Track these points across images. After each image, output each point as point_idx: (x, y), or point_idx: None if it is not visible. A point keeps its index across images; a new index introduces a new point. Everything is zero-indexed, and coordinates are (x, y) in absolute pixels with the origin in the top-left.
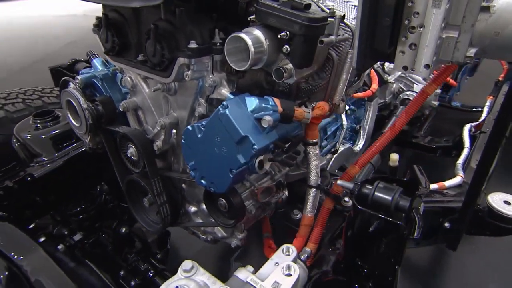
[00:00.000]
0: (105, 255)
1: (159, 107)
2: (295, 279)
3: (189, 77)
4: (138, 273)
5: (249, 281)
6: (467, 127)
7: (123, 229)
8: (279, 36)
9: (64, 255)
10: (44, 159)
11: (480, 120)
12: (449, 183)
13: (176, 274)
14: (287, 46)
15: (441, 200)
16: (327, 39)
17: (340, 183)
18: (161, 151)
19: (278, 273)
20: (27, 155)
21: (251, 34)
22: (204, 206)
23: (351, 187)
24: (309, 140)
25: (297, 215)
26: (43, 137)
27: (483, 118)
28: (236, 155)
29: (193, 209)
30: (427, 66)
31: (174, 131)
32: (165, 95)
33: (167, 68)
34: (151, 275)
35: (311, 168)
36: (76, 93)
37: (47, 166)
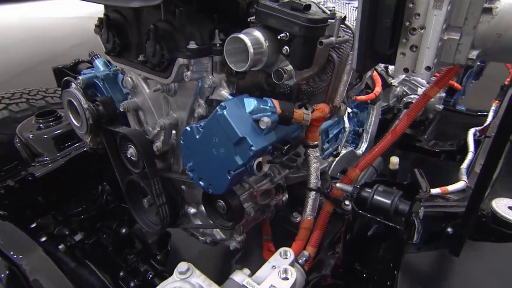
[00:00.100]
0: (105, 256)
1: (159, 108)
2: (291, 283)
3: (188, 77)
4: (137, 274)
5: (245, 284)
6: (471, 131)
7: (123, 230)
8: (278, 37)
9: (64, 255)
10: (46, 158)
11: (485, 125)
12: (452, 187)
13: (172, 276)
14: (287, 47)
15: (444, 205)
16: (326, 40)
17: (339, 186)
18: (161, 152)
19: (275, 276)
20: (29, 154)
21: (251, 35)
22: (203, 208)
23: (350, 190)
24: (309, 143)
25: (297, 218)
26: (45, 137)
27: (488, 123)
28: (234, 156)
29: (192, 210)
30: (428, 68)
31: (174, 132)
32: (165, 95)
33: (167, 69)
34: (150, 276)
35: (311, 171)
36: (77, 93)
37: (48, 165)
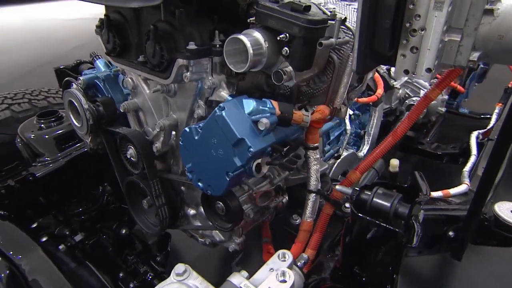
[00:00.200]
0: (105, 256)
1: (159, 109)
2: (289, 285)
3: (187, 78)
4: (137, 275)
5: (242, 286)
6: (474, 134)
7: (123, 231)
8: (278, 38)
9: (64, 255)
10: (47, 159)
11: (488, 127)
12: (454, 191)
13: (169, 277)
14: (286, 48)
15: (446, 208)
16: (326, 41)
17: (338, 188)
18: (160, 152)
19: (272, 279)
20: (30, 154)
21: (250, 36)
22: (202, 209)
23: (349, 192)
24: (309, 144)
25: (297, 220)
26: (46, 137)
27: (491, 125)
28: (232, 157)
29: (192, 212)
30: (428, 70)
31: (173, 133)
32: (165, 96)
33: (166, 69)
34: (150, 277)
35: (311, 173)
36: (77, 93)
37: (49, 166)
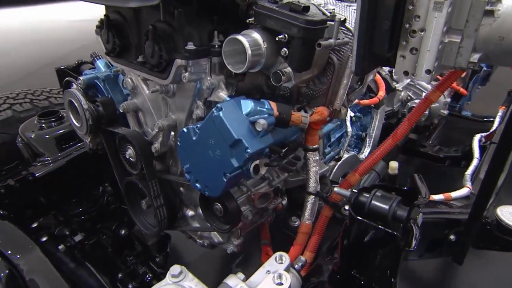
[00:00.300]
0: (105, 257)
1: (159, 109)
2: None
3: (186, 78)
4: (136, 276)
5: None
6: (477, 137)
7: (122, 231)
8: (277, 39)
9: (64, 255)
10: (47, 158)
11: (491, 130)
12: (456, 194)
13: (164, 279)
14: (285, 49)
15: (447, 211)
16: (325, 42)
17: (337, 190)
18: (159, 153)
19: (269, 281)
20: (31, 154)
21: (249, 37)
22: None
23: (348, 194)
24: (308, 146)
25: (296, 222)
26: (47, 137)
27: (494, 128)
28: (229, 158)
29: (190, 213)
30: (428, 71)
31: (172, 133)
32: (164, 97)
33: (165, 70)
34: (149, 278)
35: (311, 175)
36: (77, 93)
37: (49, 165)
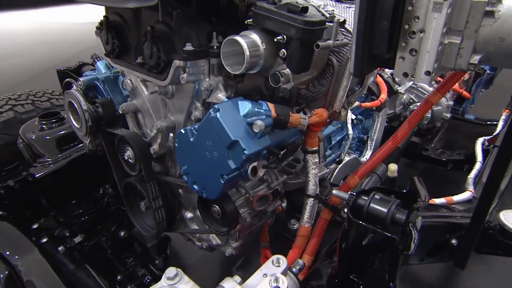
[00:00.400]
0: (104, 259)
1: (158, 111)
2: None
3: (184, 80)
4: (135, 278)
5: None
6: (480, 141)
7: (122, 233)
8: (275, 40)
9: (63, 257)
10: (47, 159)
11: (494, 134)
12: (458, 198)
13: (160, 281)
14: (284, 50)
15: (449, 215)
16: (323, 43)
17: (335, 193)
18: (158, 154)
19: (265, 285)
20: (31, 155)
21: (248, 38)
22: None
23: (346, 197)
24: (308, 148)
25: (295, 225)
26: (48, 138)
27: (497, 132)
28: (226, 160)
29: (189, 215)
30: (428, 73)
31: (171, 135)
32: (163, 98)
33: (163, 71)
34: (148, 281)
35: (310, 177)
36: (77, 94)
37: (49, 166)
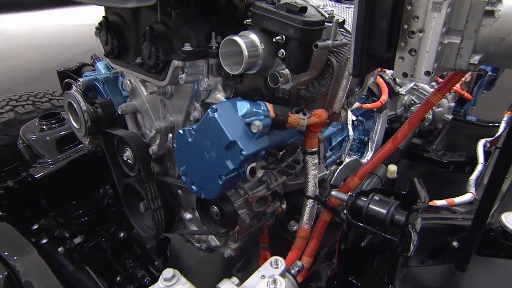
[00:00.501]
0: (104, 260)
1: (157, 111)
2: None
3: (183, 80)
4: (134, 279)
5: None
6: (481, 142)
7: (121, 234)
8: (274, 40)
9: (63, 257)
10: (47, 160)
11: (496, 136)
12: (459, 199)
13: (156, 282)
14: (283, 50)
15: (450, 217)
16: (322, 43)
17: (334, 194)
18: (157, 155)
19: (263, 286)
20: (31, 156)
21: (246, 38)
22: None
23: (345, 198)
24: (307, 149)
25: (294, 226)
26: (48, 138)
27: (499, 134)
28: (224, 160)
29: (188, 216)
30: (427, 73)
31: (170, 135)
32: (162, 98)
33: (162, 71)
34: (147, 282)
35: (309, 178)
36: (76, 95)
37: (49, 167)
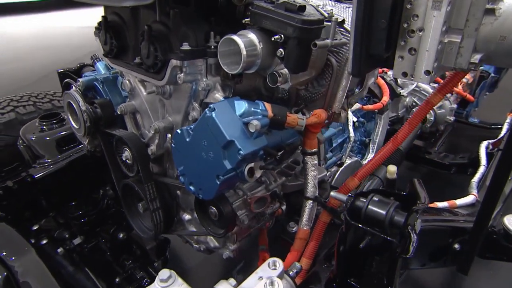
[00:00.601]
0: (103, 261)
1: (156, 111)
2: None
3: (181, 79)
4: (133, 280)
5: None
6: (484, 144)
7: (120, 235)
8: (272, 39)
9: (62, 258)
10: (47, 160)
11: (499, 137)
12: (461, 201)
13: (153, 283)
14: (281, 49)
15: (451, 219)
16: (321, 42)
17: (333, 195)
18: (156, 155)
19: None
20: (31, 156)
21: (245, 37)
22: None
23: (344, 199)
24: (307, 150)
25: (293, 227)
26: (48, 138)
27: (502, 135)
28: (222, 160)
29: (187, 217)
30: (427, 72)
31: (169, 135)
32: (161, 98)
33: (161, 70)
34: (146, 283)
35: (309, 179)
36: (75, 95)
37: (49, 167)
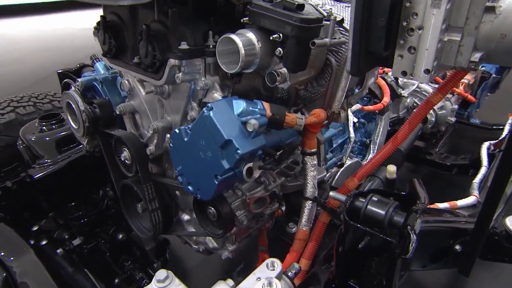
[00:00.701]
0: (102, 262)
1: (155, 111)
2: None
3: (179, 79)
4: (132, 281)
5: None
6: (485, 145)
7: (120, 236)
8: (271, 38)
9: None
10: (47, 161)
11: (500, 138)
12: (462, 202)
13: (150, 284)
14: (280, 48)
15: (452, 220)
16: (320, 41)
17: (332, 195)
18: (154, 155)
19: None
20: (30, 156)
21: (243, 36)
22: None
23: (343, 199)
24: (306, 150)
25: (293, 228)
26: (47, 139)
27: (503, 136)
28: (220, 160)
29: (186, 217)
30: (427, 71)
31: (168, 135)
32: (160, 98)
33: (159, 70)
34: (145, 284)
35: (308, 180)
36: (75, 95)
37: (48, 168)
